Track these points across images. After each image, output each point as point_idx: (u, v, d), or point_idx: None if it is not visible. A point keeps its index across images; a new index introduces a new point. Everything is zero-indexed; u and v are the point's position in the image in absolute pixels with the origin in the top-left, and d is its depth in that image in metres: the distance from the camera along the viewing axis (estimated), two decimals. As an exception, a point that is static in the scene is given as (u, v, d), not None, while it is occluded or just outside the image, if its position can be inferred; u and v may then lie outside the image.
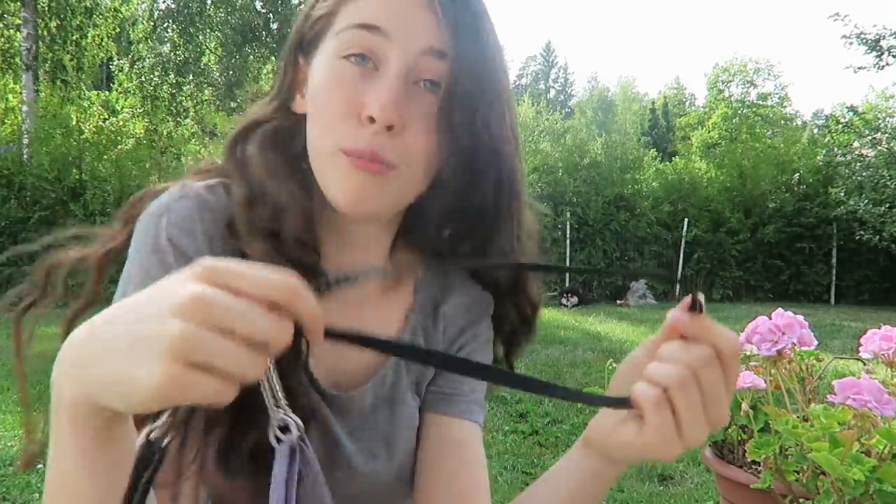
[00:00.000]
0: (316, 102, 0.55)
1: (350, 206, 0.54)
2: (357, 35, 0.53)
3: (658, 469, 2.62)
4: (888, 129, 9.90)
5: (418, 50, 0.52)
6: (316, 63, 0.56)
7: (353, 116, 0.52)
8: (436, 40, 0.52)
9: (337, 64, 0.53)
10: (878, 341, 0.71)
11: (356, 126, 0.52)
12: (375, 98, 0.51)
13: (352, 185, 0.53)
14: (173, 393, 0.32)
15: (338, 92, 0.53)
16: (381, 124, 0.51)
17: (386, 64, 0.52)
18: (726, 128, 25.56)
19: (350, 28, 0.53)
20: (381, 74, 0.52)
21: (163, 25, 10.97)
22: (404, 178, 0.54)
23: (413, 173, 0.55)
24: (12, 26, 10.18)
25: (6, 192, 7.50)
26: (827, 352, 0.72)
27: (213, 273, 0.34)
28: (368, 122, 0.51)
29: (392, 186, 0.54)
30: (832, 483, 0.57)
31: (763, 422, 0.67)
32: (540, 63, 53.64)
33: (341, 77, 0.53)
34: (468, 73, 0.53)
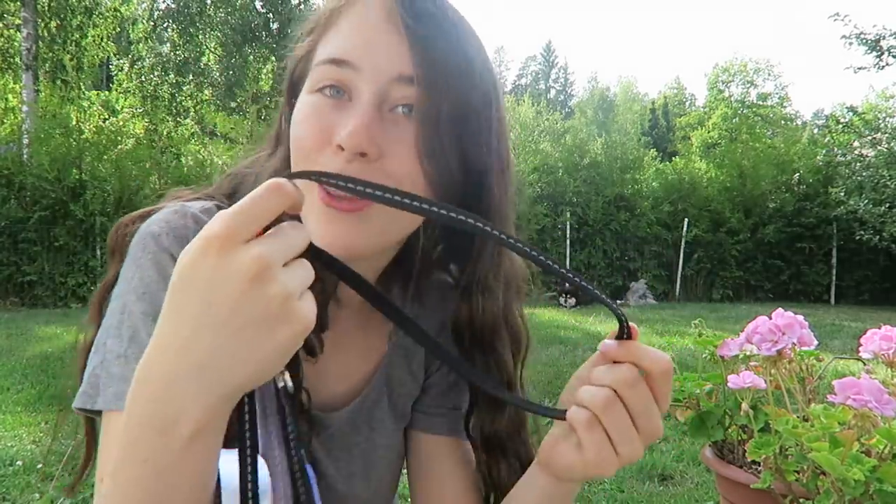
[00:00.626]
0: (293, 137, 0.55)
1: (330, 248, 0.51)
2: (328, 70, 0.53)
3: (658, 469, 2.62)
4: (888, 130, 9.90)
5: (388, 78, 0.52)
6: (298, 101, 0.57)
7: (327, 146, 0.52)
8: (405, 66, 0.52)
9: (311, 98, 0.54)
10: (878, 341, 0.71)
11: (330, 156, 0.51)
12: (344, 125, 0.51)
13: (329, 226, 0.51)
14: (309, 326, 0.38)
15: (311, 123, 0.53)
16: (351, 151, 0.50)
17: (357, 94, 0.52)
18: (726, 128, 25.57)
19: (321, 64, 0.54)
20: (353, 104, 0.52)
21: (163, 25, 10.98)
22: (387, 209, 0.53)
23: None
24: (12, 26, 10.18)
25: (6, 191, 7.52)
26: (827, 352, 0.72)
27: (235, 235, 0.36)
28: (339, 151, 0.51)
29: (377, 220, 0.52)
30: (832, 483, 0.57)
31: (763, 422, 0.67)
32: (540, 63, 53.65)
33: (315, 109, 0.53)
34: (441, 95, 0.52)
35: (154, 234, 0.55)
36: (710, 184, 11.04)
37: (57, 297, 7.54)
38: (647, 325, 6.62)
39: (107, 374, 0.53)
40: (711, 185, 11.00)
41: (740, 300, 10.14)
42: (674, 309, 8.65)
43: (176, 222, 0.55)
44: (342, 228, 0.51)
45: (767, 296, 10.37)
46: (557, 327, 6.37)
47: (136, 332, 0.53)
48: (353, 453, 0.64)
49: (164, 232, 0.55)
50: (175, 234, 0.55)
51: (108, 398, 0.53)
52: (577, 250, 10.12)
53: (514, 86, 51.31)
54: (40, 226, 7.54)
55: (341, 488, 0.63)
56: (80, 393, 0.54)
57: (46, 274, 7.54)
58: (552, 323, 6.72)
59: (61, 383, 3.62)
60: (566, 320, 7.00)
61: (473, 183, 0.57)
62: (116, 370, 0.53)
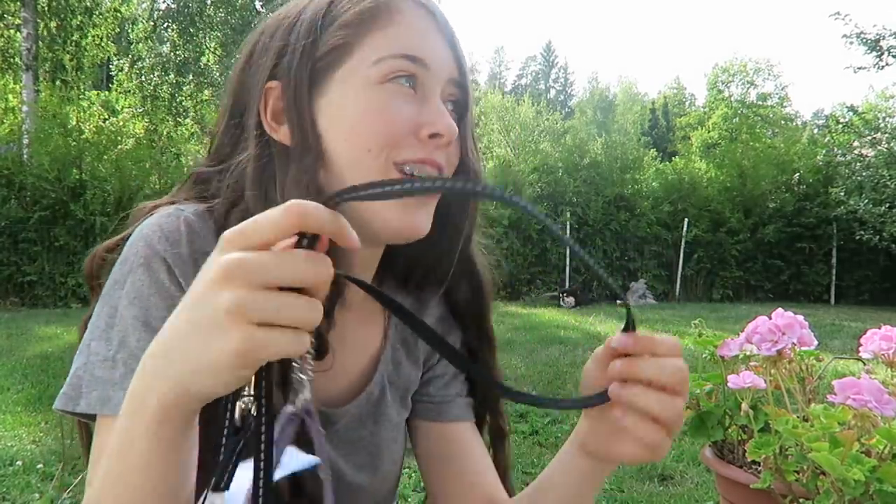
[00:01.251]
0: (363, 126, 0.56)
1: (405, 234, 0.58)
2: (402, 63, 0.57)
3: (658, 469, 2.62)
4: (888, 129, 9.89)
5: (446, 79, 0.59)
6: (340, 92, 0.56)
7: (411, 134, 0.57)
8: (454, 72, 0.60)
9: (382, 88, 0.56)
10: (878, 341, 0.71)
11: (413, 143, 0.57)
12: (437, 117, 0.57)
13: (412, 214, 0.57)
14: (252, 354, 0.35)
15: (393, 112, 0.56)
16: (450, 138, 0.57)
17: (426, 89, 0.58)
18: (726, 128, 25.57)
19: (393, 57, 0.57)
20: (426, 97, 0.58)
21: (163, 25, 10.97)
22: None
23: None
24: (12, 26, 10.18)
25: (6, 191, 7.51)
26: (827, 352, 0.72)
27: (234, 240, 0.36)
28: (428, 139, 0.56)
29: (432, 205, 0.59)
30: (832, 483, 0.57)
31: (763, 422, 0.67)
32: (540, 63, 53.63)
33: (390, 100, 0.56)
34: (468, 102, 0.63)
35: (146, 238, 0.55)
36: (710, 184, 11.04)
37: (57, 297, 7.53)
38: (646, 325, 6.62)
39: (90, 376, 0.53)
40: (711, 185, 11.00)
41: (740, 300, 10.14)
42: (674, 309, 8.65)
43: (169, 226, 0.55)
44: (420, 216, 0.58)
45: (767, 296, 10.37)
46: (557, 327, 6.37)
47: (125, 336, 0.53)
48: (360, 446, 0.65)
49: (156, 236, 0.55)
50: (168, 239, 0.55)
51: (91, 402, 0.52)
52: (577, 250, 10.11)
53: (515, 86, 51.28)
54: (40, 226, 7.54)
55: (351, 481, 0.64)
56: (61, 394, 0.54)
57: (46, 274, 7.53)
58: (552, 323, 6.72)
59: (61, 383, 3.62)
60: (566, 320, 7.00)
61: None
62: (101, 373, 0.53)
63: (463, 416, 0.69)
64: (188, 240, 0.55)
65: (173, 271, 0.54)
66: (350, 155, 0.56)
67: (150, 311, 0.53)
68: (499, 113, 23.02)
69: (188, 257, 0.55)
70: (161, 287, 0.53)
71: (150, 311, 0.53)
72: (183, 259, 0.54)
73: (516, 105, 24.06)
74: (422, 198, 0.57)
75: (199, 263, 0.54)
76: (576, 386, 3.90)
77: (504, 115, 22.70)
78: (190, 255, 0.55)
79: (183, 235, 0.55)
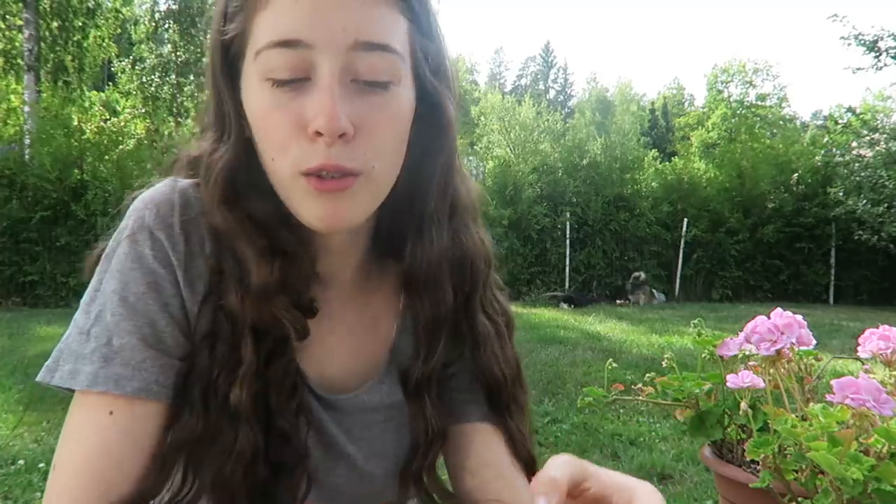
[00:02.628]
0: (259, 130, 0.53)
1: (326, 227, 0.53)
2: (276, 55, 0.49)
3: (657, 468, 2.63)
4: (886, 130, 9.90)
5: (347, 47, 0.49)
6: (245, 87, 0.53)
7: (301, 135, 0.50)
8: (359, 34, 0.49)
9: (265, 88, 0.50)
10: (877, 341, 0.71)
11: (307, 144, 0.50)
12: (318, 110, 0.48)
13: (323, 208, 0.52)
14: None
15: (277, 115, 0.50)
16: (331, 136, 0.48)
17: (317, 71, 0.49)
18: (725, 128, 25.57)
19: (268, 48, 0.49)
20: (315, 83, 0.49)
21: (163, 26, 10.97)
22: (374, 178, 0.53)
23: (381, 170, 0.54)
24: (14, 27, 10.17)
25: (8, 192, 7.52)
26: (826, 351, 0.72)
27: None
28: (316, 137, 0.49)
29: (363, 193, 0.53)
30: (831, 482, 0.57)
31: (762, 421, 0.68)
32: (539, 64, 53.62)
33: (275, 100, 0.50)
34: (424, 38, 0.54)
35: (137, 211, 0.55)
36: (710, 184, 11.04)
37: (58, 297, 7.54)
38: (646, 325, 6.62)
39: (68, 349, 0.53)
40: (711, 186, 11.01)
41: (739, 300, 10.15)
42: (673, 309, 8.65)
43: (160, 197, 0.55)
44: (332, 207, 0.52)
45: (766, 296, 10.37)
46: (557, 327, 6.37)
47: (103, 310, 0.53)
48: (374, 433, 0.63)
49: (146, 209, 0.55)
50: (158, 210, 0.55)
51: (63, 374, 0.52)
52: (577, 250, 10.12)
53: (514, 86, 51.28)
54: (42, 226, 7.54)
55: (363, 468, 0.63)
56: (44, 366, 0.53)
57: (48, 274, 7.54)
58: (552, 323, 6.73)
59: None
60: (566, 320, 7.00)
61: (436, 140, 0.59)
62: (76, 346, 0.52)
63: (486, 417, 0.64)
64: (181, 210, 0.55)
65: (160, 244, 0.53)
66: (265, 160, 0.53)
67: (128, 285, 0.53)
68: (499, 113, 23.00)
69: (178, 227, 0.54)
70: (143, 262, 0.53)
71: (128, 286, 0.53)
72: (172, 230, 0.54)
73: (516, 105, 24.05)
74: (330, 192, 0.51)
75: (189, 234, 0.54)
76: (575, 385, 3.90)
77: (504, 115, 22.69)
78: (181, 225, 0.54)
79: (175, 206, 0.55)
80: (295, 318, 0.55)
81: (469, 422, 0.64)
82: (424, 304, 0.62)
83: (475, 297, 0.64)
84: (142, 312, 0.52)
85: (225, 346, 0.54)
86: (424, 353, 0.62)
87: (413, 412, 0.62)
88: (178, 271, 0.54)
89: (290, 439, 0.56)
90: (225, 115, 0.56)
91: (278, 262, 0.54)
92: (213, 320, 0.55)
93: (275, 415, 0.55)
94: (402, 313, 0.66)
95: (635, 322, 6.91)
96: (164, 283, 0.53)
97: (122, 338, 0.51)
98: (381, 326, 0.65)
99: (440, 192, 0.61)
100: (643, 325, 6.59)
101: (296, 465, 0.56)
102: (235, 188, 0.55)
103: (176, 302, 0.54)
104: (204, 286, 0.55)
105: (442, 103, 0.57)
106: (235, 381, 0.53)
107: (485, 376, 0.63)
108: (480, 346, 0.63)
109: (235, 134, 0.55)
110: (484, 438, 0.64)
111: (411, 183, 0.59)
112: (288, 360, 0.57)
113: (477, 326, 0.64)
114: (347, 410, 0.62)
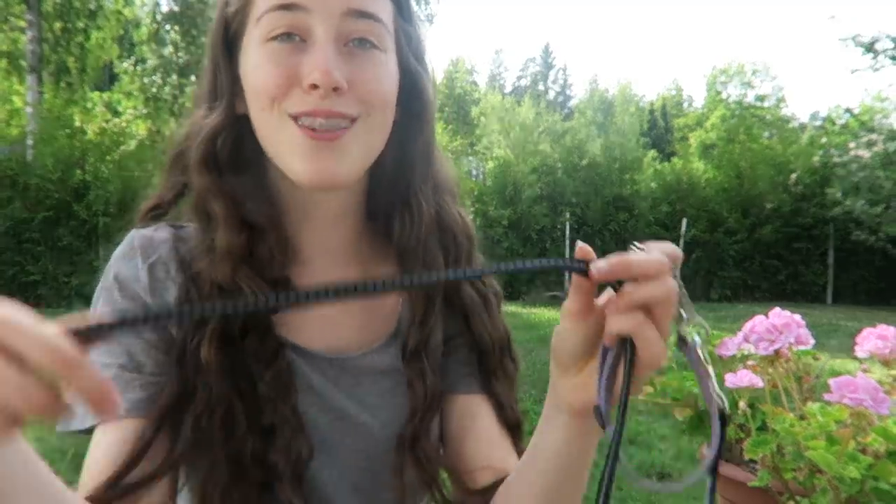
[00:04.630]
0: (252, 83, 0.57)
1: (316, 183, 0.55)
2: (277, 17, 0.54)
3: (656, 467, 2.63)
4: (883, 131, 9.92)
5: (340, 13, 0.54)
6: (243, 56, 0.58)
7: (294, 87, 0.54)
8: (353, 2, 0.55)
9: (265, 48, 0.55)
10: (874, 340, 0.72)
11: (300, 96, 0.54)
12: (313, 66, 0.53)
13: (313, 162, 0.54)
14: None
15: (272, 68, 0.54)
16: (326, 88, 0.53)
17: (313, 34, 0.54)
18: (724, 129, 25.59)
19: (269, 11, 0.55)
20: (311, 44, 0.54)
21: (165, 28, 10.96)
22: (365, 127, 0.56)
23: (373, 121, 0.57)
24: (17, 28, 10.17)
25: (11, 192, 7.53)
26: (824, 351, 0.73)
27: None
28: (311, 90, 0.53)
29: (354, 146, 0.56)
30: (829, 481, 0.57)
31: (760, 420, 0.68)
32: (539, 65, 53.65)
33: (272, 57, 0.55)
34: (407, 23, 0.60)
35: (109, 265, 0.61)
36: (709, 184, 11.06)
37: (60, 297, 7.54)
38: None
39: None
40: (709, 186, 11.02)
41: (738, 300, 10.15)
42: (672, 309, 8.65)
43: (124, 248, 0.62)
44: (327, 160, 0.55)
45: (765, 295, 10.39)
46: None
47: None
48: (385, 399, 0.64)
49: (115, 260, 0.61)
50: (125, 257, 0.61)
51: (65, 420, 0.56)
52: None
53: (514, 87, 51.31)
54: (44, 226, 7.54)
55: (378, 434, 0.63)
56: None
57: (50, 274, 7.54)
58: (552, 322, 6.72)
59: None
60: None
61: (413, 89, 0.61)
62: None
63: (483, 388, 0.65)
64: (142, 253, 0.60)
65: (126, 283, 0.59)
66: (255, 115, 0.57)
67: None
68: (498, 114, 23.01)
69: (143, 267, 0.60)
70: (114, 304, 0.58)
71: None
72: (136, 270, 0.59)
73: (516, 106, 24.08)
74: (322, 141, 0.54)
75: (154, 270, 0.59)
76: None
77: (504, 115, 22.70)
78: (145, 265, 0.60)
79: (136, 250, 0.60)
80: (258, 289, 0.57)
81: (466, 392, 0.66)
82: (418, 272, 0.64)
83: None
84: (118, 345, 0.57)
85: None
86: (419, 319, 0.64)
87: (410, 377, 0.63)
88: (147, 298, 0.58)
89: (275, 405, 0.57)
90: (217, 87, 0.60)
91: (245, 233, 0.57)
92: (184, 298, 0.58)
93: (257, 383, 0.57)
94: (404, 302, 0.67)
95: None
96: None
97: (104, 371, 0.55)
98: (385, 298, 0.66)
99: (423, 168, 0.64)
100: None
101: (285, 427, 0.57)
102: (216, 153, 0.59)
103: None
104: (175, 300, 0.59)
105: (421, 82, 0.62)
106: (203, 339, 0.56)
107: (475, 343, 0.66)
108: (470, 316, 0.66)
109: (226, 104, 0.59)
110: (477, 408, 0.65)
111: (396, 159, 0.63)
112: (264, 329, 0.59)
113: (465, 297, 0.66)
114: (357, 372, 0.63)
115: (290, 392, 0.59)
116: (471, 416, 0.65)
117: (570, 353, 0.49)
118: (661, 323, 0.44)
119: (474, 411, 0.65)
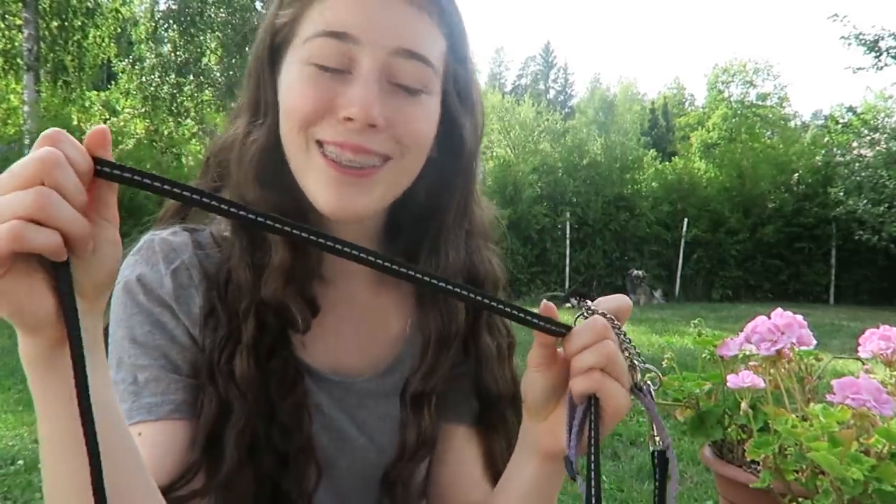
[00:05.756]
0: (286, 105, 0.56)
1: (337, 214, 0.55)
2: (325, 44, 0.53)
3: (658, 469, 2.63)
4: (886, 130, 9.91)
5: (390, 51, 0.53)
6: (285, 70, 0.57)
7: (328, 115, 0.53)
8: (402, 41, 0.53)
9: (306, 69, 0.54)
10: (877, 341, 0.71)
11: (333, 125, 0.53)
12: (354, 99, 0.52)
13: (336, 195, 0.54)
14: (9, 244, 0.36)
15: (309, 92, 0.53)
16: (363, 123, 0.51)
17: (359, 66, 0.53)
18: (726, 128, 25.57)
19: (318, 36, 0.53)
20: (355, 76, 0.53)
21: (163, 26, 10.97)
22: (397, 169, 0.56)
23: (408, 163, 0.56)
24: (14, 27, 10.18)
25: (7, 192, 7.52)
26: (826, 351, 0.72)
27: None
28: (346, 122, 0.52)
29: (380, 185, 0.55)
30: (831, 482, 0.57)
31: (762, 421, 0.67)
32: (539, 64, 53.65)
33: (311, 80, 0.53)
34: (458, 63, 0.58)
35: (123, 271, 0.60)
36: (710, 184, 11.05)
37: (57, 297, 7.54)
38: (647, 325, 6.62)
39: None
40: (711, 186, 11.02)
41: (740, 300, 10.15)
42: (673, 309, 8.65)
43: (145, 253, 0.60)
44: (350, 194, 0.54)
45: (767, 295, 10.38)
46: (557, 327, 6.36)
47: (121, 356, 0.57)
48: (387, 424, 0.65)
49: (135, 266, 0.59)
50: (148, 262, 0.59)
51: None
52: (577, 250, 10.13)
53: (514, 86, 51.32)
54: (41, 226, 7.54)
55: (375, 459, 0.64)
56: None
57: (47, 274, 7.54)
58: (552, 323, 6.71)
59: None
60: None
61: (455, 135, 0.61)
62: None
63: (475, 420, 0.67)
64: (164, 258, 0.59)
65: (151, 291, 0.58)
66: (284, 133, 0.57)
67: (134, 328, 0.57)
68: (499, 113, 23.02)
69: (167, 273, 0.59)
70: (140, 306, 0.57)
71: (134, 329, 0.57)
72: (161, 276, 0.59)
73: (516, 105, 24.09)
74: (349, 177, 0.53)
75: (178, 275, 0.59)
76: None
77: (504, 115, 22.71)
78: (168, 271, 0.59)
79: (158, 255, 0.59)
80: (301, 308, 0.58)
81: (459, 423, 0.67)
82: (435, 318, 0.64)
83: (482, 317, 0.67)
84: (153, 347, 0.57)
85: (225, 328, 0.57)
86: (426, 369, 0.64)
87: (406, 420, 0.64)
88: (173, 304, 0.58)
89: (292, 432, 0.58)
90: (261, 100, 0.59)
91: (290, 252, 0.57)
92: (212, 314, 0.58)
93: (277, 408, 0.57)
94: (414, 322, 0.67)
95: (635, 322, 6.90)
96: (164, 318, 0.58)
97: (144, 372, 0.56)
98: (393, 325, 0.67)
99: (458, 212, 0.63)
100: (643, 325, 6.59)
101: (300, 457, 0.58)
102: (266, 170, 0.58)
103: (180, 331, 0.58)
104: (200, 310, 0.59)
105: (462, 125, 0.60)
106: (235, 354, 0.56)
107: (482, 392, 0.66)
108: (483, 365, 0.66)
109: (272, 119, 0.58)
110: (467, 443, 0.66)
111: (431, 198, 0.62)
112: (288, 354, 0.59)
113: (481, 345, 0.66)
114: (361, 395, 0.63)
115: (306, 422, 0.59)
116: (456, 449, 0.66)
117: (538, 400, 0.53)
118: (617, 376, 0.49)
119: (461, 445, 0.66)
